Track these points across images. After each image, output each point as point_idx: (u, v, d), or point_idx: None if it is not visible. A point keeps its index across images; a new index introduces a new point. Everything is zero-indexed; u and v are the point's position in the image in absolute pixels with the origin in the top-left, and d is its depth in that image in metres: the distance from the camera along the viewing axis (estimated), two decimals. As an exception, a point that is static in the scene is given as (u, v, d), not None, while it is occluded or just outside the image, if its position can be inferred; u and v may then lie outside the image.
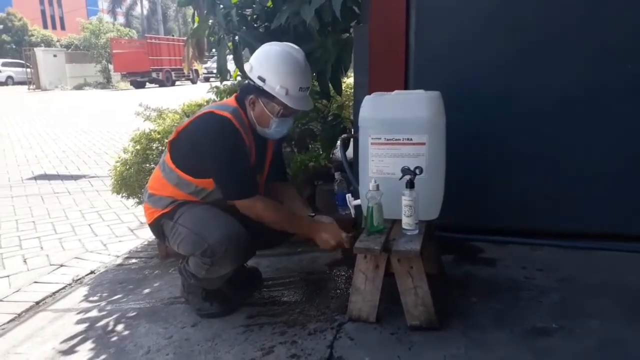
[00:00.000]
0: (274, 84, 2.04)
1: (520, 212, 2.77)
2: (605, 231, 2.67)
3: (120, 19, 46.73)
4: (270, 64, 2.07)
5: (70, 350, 2.14)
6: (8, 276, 3.25)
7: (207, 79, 24.99)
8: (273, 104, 2.09)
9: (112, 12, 47.01)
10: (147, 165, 3.27)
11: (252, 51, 2.99)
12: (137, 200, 3.40)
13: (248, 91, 2.15)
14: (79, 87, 27.94)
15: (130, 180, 3.26)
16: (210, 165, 2.11)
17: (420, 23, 2.72)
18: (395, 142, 2.14)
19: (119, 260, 3.40)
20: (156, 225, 2.28)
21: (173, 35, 39.43)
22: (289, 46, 2.14)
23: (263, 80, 2.06)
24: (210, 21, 3.37)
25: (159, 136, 3.36)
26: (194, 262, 2.16)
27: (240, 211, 2.13)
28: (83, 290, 2.89)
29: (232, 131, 2.07)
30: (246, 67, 2.17)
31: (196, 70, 26.53)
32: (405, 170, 2.03)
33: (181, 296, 2.43)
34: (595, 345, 1.84)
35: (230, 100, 2.23)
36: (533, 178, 2.74)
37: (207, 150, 2.09)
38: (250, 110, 2.16)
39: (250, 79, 2.12)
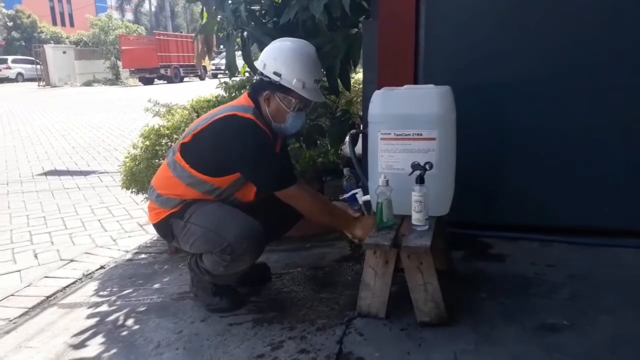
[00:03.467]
0: (290, 78, 2.07)
1: (531, 208, 2.76)
2: (616, 227, 2.65)
3: (129, 16, 46.90)
4: (284, 58, 2.10)
5: (80, 345, 2.16)
6: (19, 271, 3.27)
7: (215, 75, 25.06)
8: (290, 98, 2.12)
9: (121, 9, 47.19)
10: (157, 160, 3.27)
11: (260, 47, 2.99)
12: (147, 195, 3.41)
13: (262, 88, 2.16)
14: (88, 84, 28.09)
15: (139, 176, 3.28)
16: (246, 166, 2.11)
17: (430, 17, 2.70)
18: (405, 137, 2.13)
19: (129, 256, 3.42)
20: (163, 225, 2.27)
21: (181, 32, 39.50)
22: (300, 41, 2.19)
23: (279, 75, 2.08)
24: (219, 17, 3.37)
25: (168, 132, 3.36)
26: (211, 260, 2.16)
27: (283, 200, 2.14)
28: (93, 285, 2.91)
29: (260, 132, 2.10)
30: (258, 64, 2.17)
31: (204, 67, 26.59)
32: (415, 166, 2.02)
33: (191, 291, 2.44)
34: (606, 342, 1.82)
35: (244, 100, 2.22)
36: (543, 174, 2.72)
37: (241, 152, 2.09)
38: (265, 107, 2.16)
39: (264, 76, 2.13)
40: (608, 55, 2.55)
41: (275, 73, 2.09)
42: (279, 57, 2.11)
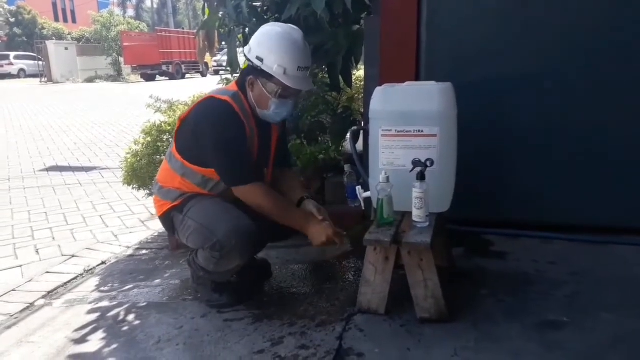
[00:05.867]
0: (272, 63, 2.03)
1: (532, 205, 2.75)
2: (617, 225, 2.64)
3: (131, 12, 46.88)
4: (268, 43, 2.06)
5: (82, 340, 2.16)
6: (21, 266, 3.28)
7: (217, 72, 24.99)
8: (271, 84, 2.07)
9: (123, 5, 47.23)
10: (158, 157, 3.28)
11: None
12: (148, 191, 3.42)
13: (247, 73, 2.15)
14: (90, 80, 28.09)
15: (141, 172, 3.28)
16: (209, 150, 2.09)
17: (431, 13, 2.70)
18: (406, 134, 2.13)
19: (130, 251, 3.42)
20: (166, 218, 2.29)
21: (183, 28, 39.47)
22: (288, 26, 2.13)
23: (261, 60, 2.05)
24: (221, 13, 3.37)
25: (169, 128, 3.37)
26: (203, 256, 2.16)
27: (239, 198, 2.11)
28: (94, 281, 2.91)
29: (230, 115, 2.06)
30: (245, 48, 2.16)
31: (206, 63, 26.56)
32: (416, 163, 2.02)
33: (191, 287, 2.45)
34: (607, 339, 1.82)
35: (231, 85, 2.23)
36: (545, 171, 2.71)
37: (206, 135, 2.08)
38: (249, 92, 2.14)
39: (249, 60, 2.12)
40: (610, 52, 2.53)
41: (257, 58, 2.06)
42: (263, 42, 2.07)
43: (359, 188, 2.40)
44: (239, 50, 3.38)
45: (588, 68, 2.57)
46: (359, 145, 2.96)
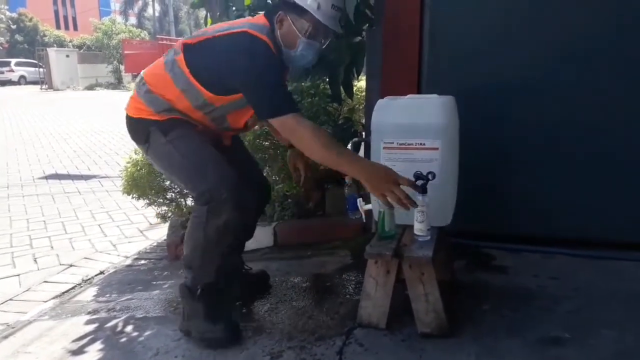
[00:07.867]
0: None
1: (534, 219, 2.74)
2: (621, 240, 2.63)
3: (132, 20, 47.07)
4: None
5: (79, 351, 2.14)
6: (18, 275, 3.27)
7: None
8: (302, 21, 2.01)
9: (124, 13, 47.39)
10: (158, 166, 3.27)
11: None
12: (148, 201, 3.42)
13: (277, 8, 2.08)
14: (90, 88, 28.13)
15: (141, 182, 3.28)
16: (248, 85, 1.97)
17: (434, 26, 2.71)
18: (408, 146, 2.12)
19: (128, 261, 3.41)
20: (141, 125, 2.13)
21: (184, 37, 39.61)
22: None
23: None
24: (223, 23, 3.37)
25: (170, 137, 3.36)
26: (191, 230, 2.03)
27: (279, 131, 2.02)
28: (92, 291, 2.90)
29: (270, 54, 1.98)
30: None
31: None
32: (417, 176, 2.01)
33: (182, 328, 2.16)
34: (609, 356, 1.80)
35: (261, 18, 2.12)
36: (548, 185, 2.70)
37: (246, 70, 1.95)
38: (277, 30, 2.07)
39: None
40: (610, 62, 2.54)
41: None
42: None
43: (359, 200, 2.38)
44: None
45: (592, 79, 2.56)
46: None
